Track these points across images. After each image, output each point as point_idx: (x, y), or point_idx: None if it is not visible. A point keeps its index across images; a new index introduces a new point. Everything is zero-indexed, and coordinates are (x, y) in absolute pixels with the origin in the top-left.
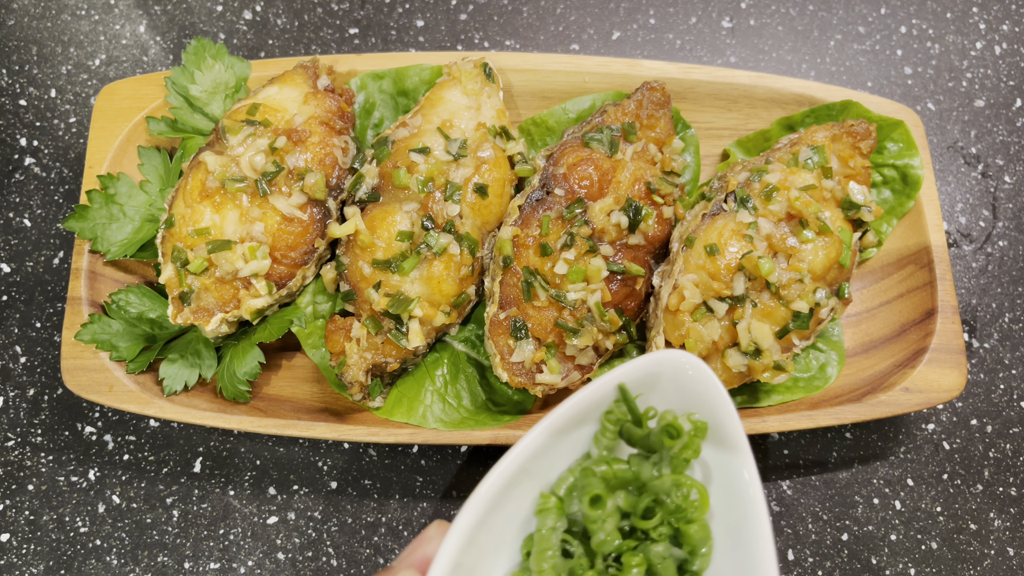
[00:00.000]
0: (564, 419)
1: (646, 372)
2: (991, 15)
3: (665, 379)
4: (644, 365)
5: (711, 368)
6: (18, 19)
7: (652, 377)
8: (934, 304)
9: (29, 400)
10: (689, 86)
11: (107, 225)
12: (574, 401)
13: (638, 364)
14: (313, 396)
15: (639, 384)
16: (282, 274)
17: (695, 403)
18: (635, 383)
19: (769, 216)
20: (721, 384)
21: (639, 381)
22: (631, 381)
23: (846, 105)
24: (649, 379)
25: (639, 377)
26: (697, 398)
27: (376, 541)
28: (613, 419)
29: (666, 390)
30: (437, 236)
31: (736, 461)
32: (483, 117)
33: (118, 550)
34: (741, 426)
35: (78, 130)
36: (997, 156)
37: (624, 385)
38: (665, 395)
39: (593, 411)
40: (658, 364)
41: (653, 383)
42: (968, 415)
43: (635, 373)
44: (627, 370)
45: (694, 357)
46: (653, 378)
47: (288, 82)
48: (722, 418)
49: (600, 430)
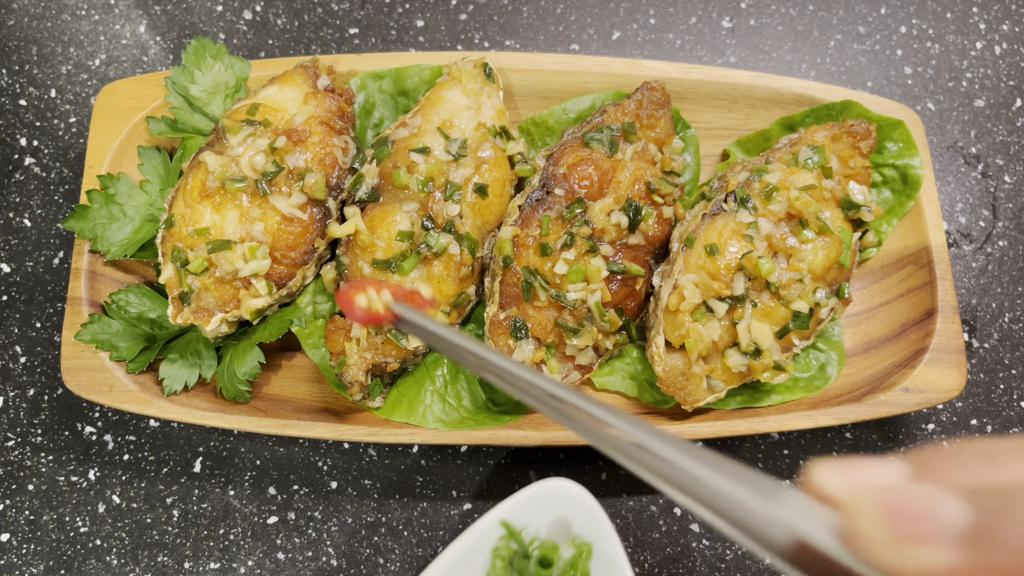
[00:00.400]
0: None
1: (530, 503)
2: (991, 15)
3: (550, 506)
4: (527, 497)
5: (708, 371)
6: (18, 19)
7: (537, 506)
8: (934, 304)
9: (29, 400)
10: (689, 86)
11: (107, 225)
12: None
13: (521, 497)
14: (313, 396)
15: (525, 515)
16: (282, 274)
17: (580, 526)
18: (520, 515)
19: (769, 216)
20: (600, 507)
21: (524, 513)
22: (515, 515)
23: (846, 105)
24: (534, 509)
25: (523, 509)
26: (582, 521)
27: (376, 541)
28: (501, 554)
29: (552, 516)
30: (437, 236)
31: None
32: (483, 117)
33: (118, 550)
34: (620, 545)
35: (78, 130)
36: (997, 156)
37: (506, 521)
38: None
39: (481, 548)
40: (541, 494)
41: (539, 511)
42: (968, 415)
43: (518, 507)
44: (510, 505)
45: (574, 484)
46: (538, 507)
47: (288, 82)
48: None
49: (491, 568)
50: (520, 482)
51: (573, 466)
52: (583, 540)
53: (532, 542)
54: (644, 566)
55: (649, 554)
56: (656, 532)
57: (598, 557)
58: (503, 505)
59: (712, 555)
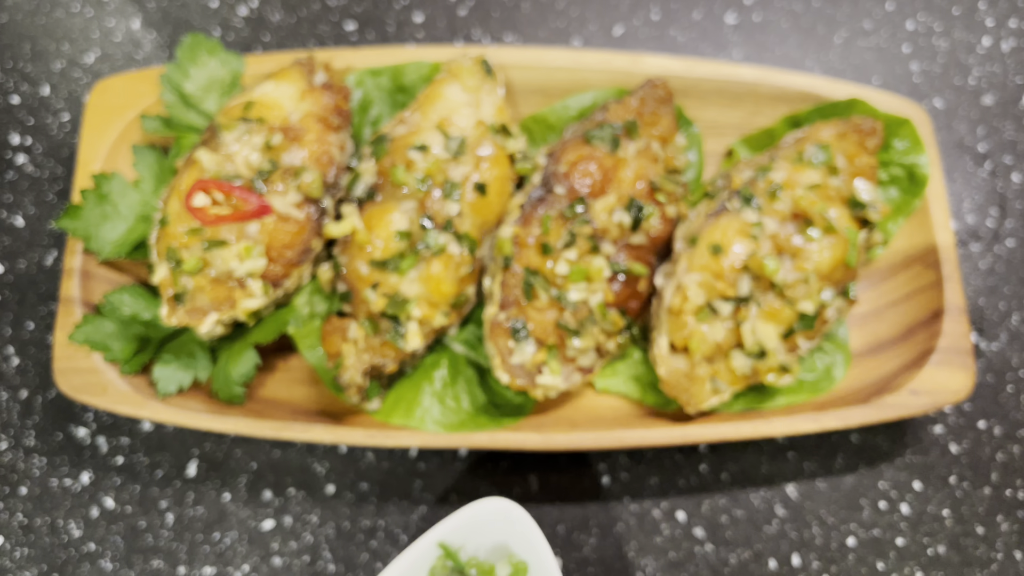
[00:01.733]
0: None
1: (469, 522)
2: (998, 11)
3: (487, 526)
4: (466, 517)
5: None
6: (11, 15)
7: (475, 526)
8: (941, 304)
9: (22, 402)
10: (692, 83)
11: (100, 224)
12: (399, 564)
13: (459, 517)
14: (309, 398)
15: (463, 535)
16: (278, 274)
17: (517, 545)
18: (458, 535)
19: (774, 215)
20: (536, 527)
21: (462, 532)
22: (453, 535)
23: (852, 102)
24: (472, 528)
25: (462, 529)
26: (518, 540)
27: (374, 545)
28: (437, 574)
29: (490, 536)
30: (436, 235)
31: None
32: (483, 114)
33: (112, 554)
34: (556, 565)
35: (71, 128)
36: (1005, 154)
37: (443, 543)
38: (490, 540)
39: (419, 568)
40: (479, 513)
41: (477, 532)
42: (976, 417)
43: (457, 527)
44: (448, 526)
45: (511, 503)
46: (476, 527)
47: (284, 78)
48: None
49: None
50: (520, 485)
51: (575, 469)
52: (519, 559)
53: (469, 562)
54: (647, 571)
55: (652, 559)
56: (659, 537)
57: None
58: (441, 526)
59: (716, 560)
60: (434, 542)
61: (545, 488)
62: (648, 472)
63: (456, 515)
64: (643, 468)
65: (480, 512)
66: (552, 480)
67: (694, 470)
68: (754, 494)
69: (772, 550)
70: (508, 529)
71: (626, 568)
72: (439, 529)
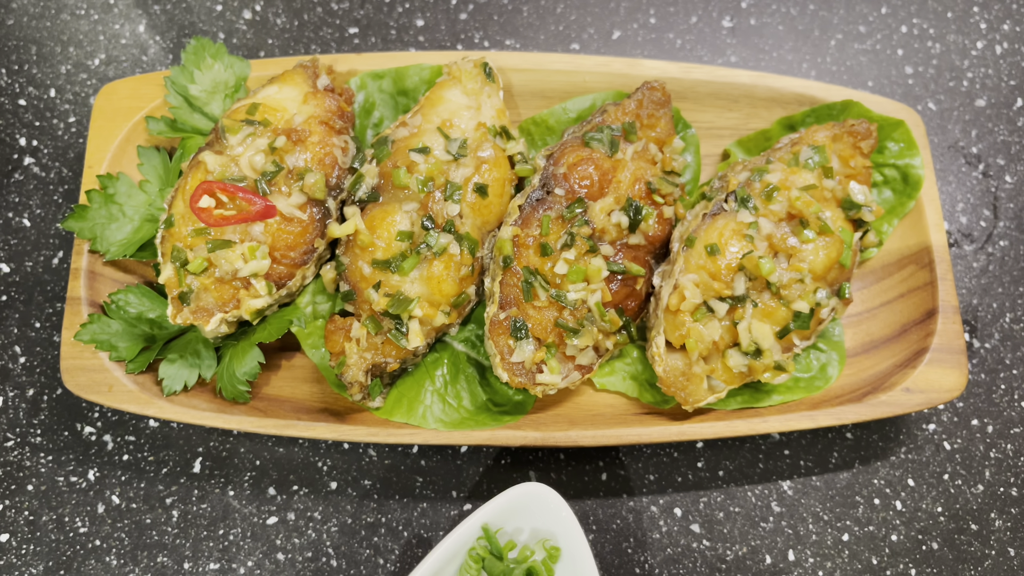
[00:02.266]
0: (440, 561)
1: (508, 506)
2: (992, 15)
3: (526, 510)
4: (507, 500)
5: (708, 371)
6: (17, 19)
7: (515, 509)
8: (935, 304)
9: (28, 400)
10: (690, 86)
11: (106, 225)
12: (445, 545)
13: (500, 501)
14: (313, 396)
15: (505, 516)
16: (282, 274)
17: (553, 530)
18: (498, 518)
19: (770, 216)
20: (572, 513)
21: (502, 516)
22: (496, 516)
23: (847, 105)
24: (512, 511)
25: (502, 512)
26: (554, 525)
27: (376, 541)
28: (475, 555)
29: (528, 519)
30: (437, 236)
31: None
32: (483, 117)
33: (118, 550)
34: (590, 553)
35: (77, 130)
36: (998, 156)
37: (487, 525)
38: (527, 524)
39: (461, 550)
40: (519, 497)
41: (516, 514)
42: (969, 415)
43: (497, 510)
44: (490, 510)
45: (550, 490)
46: (516, 510)
47: (288, 82)
48: (575, 544)
49: (462, 565)
50: (520, 481)
51: (573, 466)
52: (553, 544)
53: (507, 545)
54: (645, 567)
55: (649, 555)
56: (656, 533)
57: (566, 561)
58: (484, 509)
59: (712, 556)
60: (478, 524)
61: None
62: (646, 469)
63: (497, 499)
64: (641, 465)
65: (518, 496)
66: (551, 477)
67: (691, 467)
68: (750, 491)
69: (768, 546)
70: (544, 514)
71: (624, 563)
72: (482, 512)
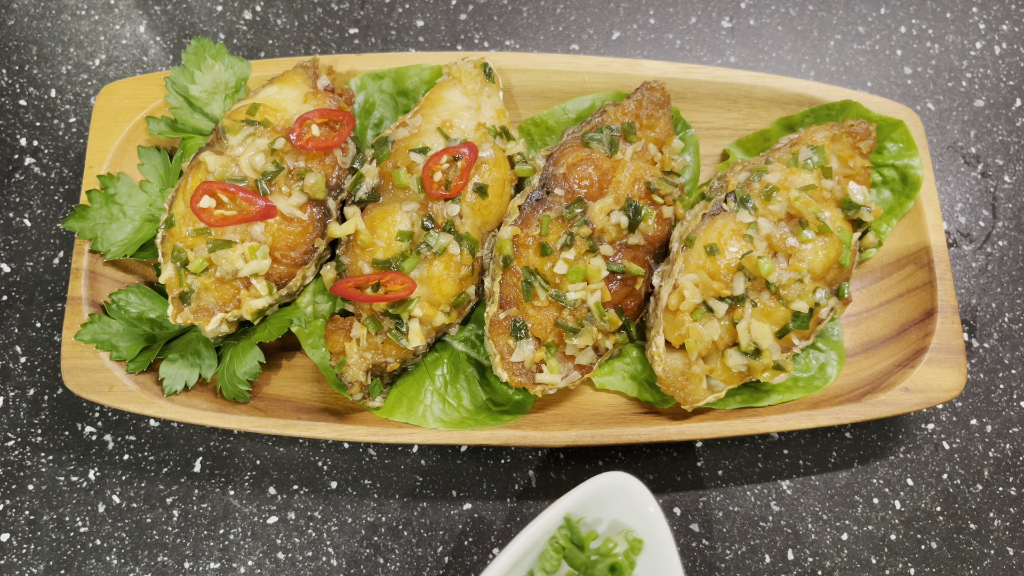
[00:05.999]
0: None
1: (591, 496)
2: (991, 15)
3: (607, 501)
4: (589, 490)
5: (708, 371)
6: (18, 19)
7: (598, 498)
8: (934, 304)
9: (29, 400)
10: (689, 86)
11: (107, 225)
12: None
13: (583, 491)
14: (313, 396)
15: (586, 506)
16: (282, 274)
17: (635, 521)
18: (582, 506)
19: (769, 216)
20: (656, 505)
21: (586, 503)
22: (578, 505)
23: (846, 105)
24: (596, 500)
25: (586, 500)
26: (636, 517)
27: (376, 541)
28: (557, 545)
29: (609, 511)
30: (437, 236)
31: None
32: (483, 117)
33: (118, 550)
34: (674, 547)
35: (78, 130)
36: (997, 156)
37: (569, 516)
38: (607, 514)
39: (544, 537)
40: (601, 488)
41: (599, 503)
42: (968, 415)
43: (580, 500)
44: (572, 499)
45: (635, 480)
46: (599, 499)
47: (288, 82)
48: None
49: (543, 554)
50: (520, 482)
51: (573, 466)
52: (636, 536)
53: (589, 535)
54: None
55: None
56: None
57: (648, 553)
58: (566, 499)
59: (711, 555)
60: (560, 514)
61: (544, 484)
62: (645, 468)
63: (580, 488)
64: (640, 464)
65: (602, 486)
66: (551, 476)
67: (690, 466)
68: (749, 490)
69: (767, 545)
70: (627, 506)
71: None
72: (565, 501)
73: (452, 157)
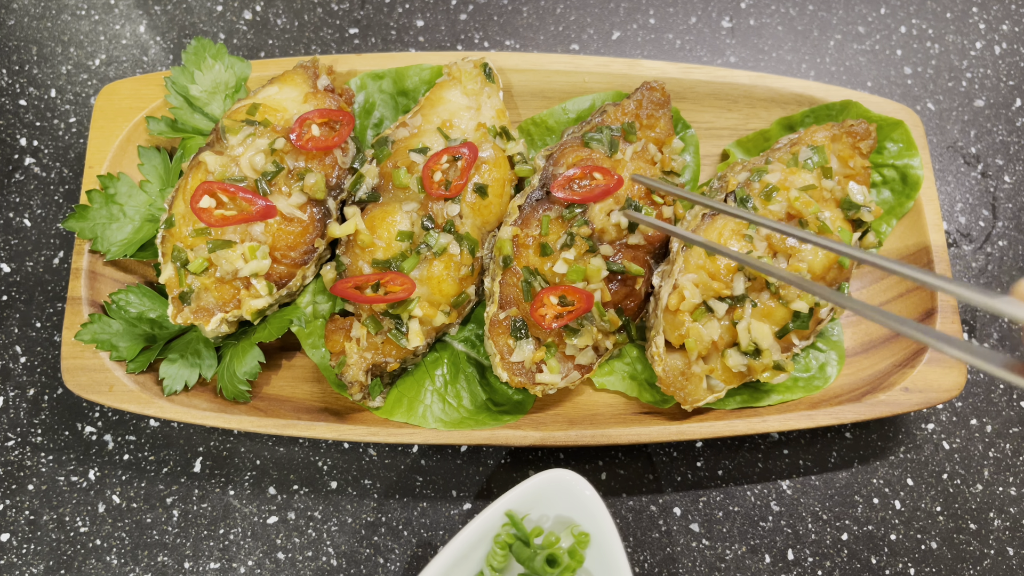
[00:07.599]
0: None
1: (534, 493)
2: (991, 15)
3: (551, 497)
4: (531, 487)
5: (708, 371)
6: (18, 19)
7: (541, 495)
8: (934, 304)
9: (29, 400)
10: (689, 86)
11: (107, 225)
12: (468, 532)
13: (525, 487)
14: (313, 396)
15: (530, 503)
16: (282, 274)
17: (580, 516)
18: (523, 505)
19: (769, 216)
20: (599, 499)
21: (527, 502)
22: (520, 502)
23: (846, 105)
24: (539, 497)
25: (527, 499)
26: (580, 512)
27: (376, 541)
28: (501, 541)
29: (553, 506)
30: (437, 236)
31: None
32: (483, 117)
33: (118, 550)
34: (616, 535)
35: (78, 130)
36: (997, 156)
37: (511, 511)
38: (552, 510)
39: (486, 536)
40: (543, 484)
41: (541, 501)
42: (968, 415)
43: (522, 496)
44: (514, 496)
45: (577, 476)
46: (543, 496)
47: (288, 82)
48: (602, 530)
49: (490, 552)
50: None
51: (573, 466)
52: (581, 530)
53: (533, 531)
54: (644, 566)
55: (649, 554)
56: (656, 532)
57: (595, 547)
58: (508, 495)
59: (712, 555)
60: (501, 511)
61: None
62: (645, 468)
63: (522, 485)
64: (640, 464)
65: (544, 483)
66: None
67: (690, 466)
68: (749, 490)
69: (767, 545)
70: (571, 501)
71: None
72: (506, 498)
73: (452, 157)
